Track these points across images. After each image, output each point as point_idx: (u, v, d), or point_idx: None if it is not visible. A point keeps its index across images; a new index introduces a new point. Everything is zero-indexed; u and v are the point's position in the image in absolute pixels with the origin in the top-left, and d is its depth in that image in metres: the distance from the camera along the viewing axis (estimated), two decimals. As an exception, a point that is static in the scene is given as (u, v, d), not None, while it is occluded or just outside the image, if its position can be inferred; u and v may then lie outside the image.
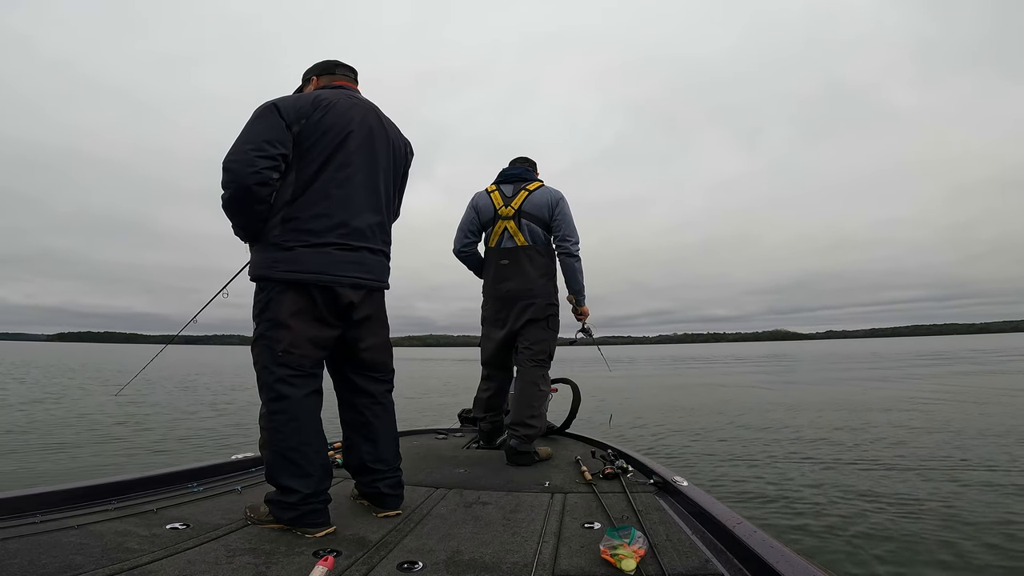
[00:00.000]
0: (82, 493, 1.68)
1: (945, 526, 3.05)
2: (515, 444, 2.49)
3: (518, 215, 2.70)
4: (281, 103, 1.60)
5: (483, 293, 2.89)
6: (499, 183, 2.82)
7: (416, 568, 1.27)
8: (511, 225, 2.71)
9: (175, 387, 13.23)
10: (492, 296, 2.79)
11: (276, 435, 1.54)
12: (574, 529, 1.56)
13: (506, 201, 2.73)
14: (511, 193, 2.75)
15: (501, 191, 2.77)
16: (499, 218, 2.74)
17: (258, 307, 1.60)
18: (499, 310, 2.76)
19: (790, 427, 6.79)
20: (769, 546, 1.21)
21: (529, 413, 2.54)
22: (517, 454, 2.48)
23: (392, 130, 1.83)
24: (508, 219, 2.71)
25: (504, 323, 2.74)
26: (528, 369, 2.67)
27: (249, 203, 1.55)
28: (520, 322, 2.69)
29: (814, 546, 2.84)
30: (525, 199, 2.71)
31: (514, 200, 2.72)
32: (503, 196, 2.75)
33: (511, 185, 2.78)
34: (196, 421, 7.77)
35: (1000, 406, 8.16)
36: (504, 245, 2.74)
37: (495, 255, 2.76)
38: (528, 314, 2.68)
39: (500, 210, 2.73)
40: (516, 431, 2.50)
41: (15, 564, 1.18)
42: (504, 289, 2.72)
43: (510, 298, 2.71)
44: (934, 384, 12.33)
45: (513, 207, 2.71)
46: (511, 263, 2.71)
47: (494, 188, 2.81)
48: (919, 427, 6.51)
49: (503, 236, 2.74)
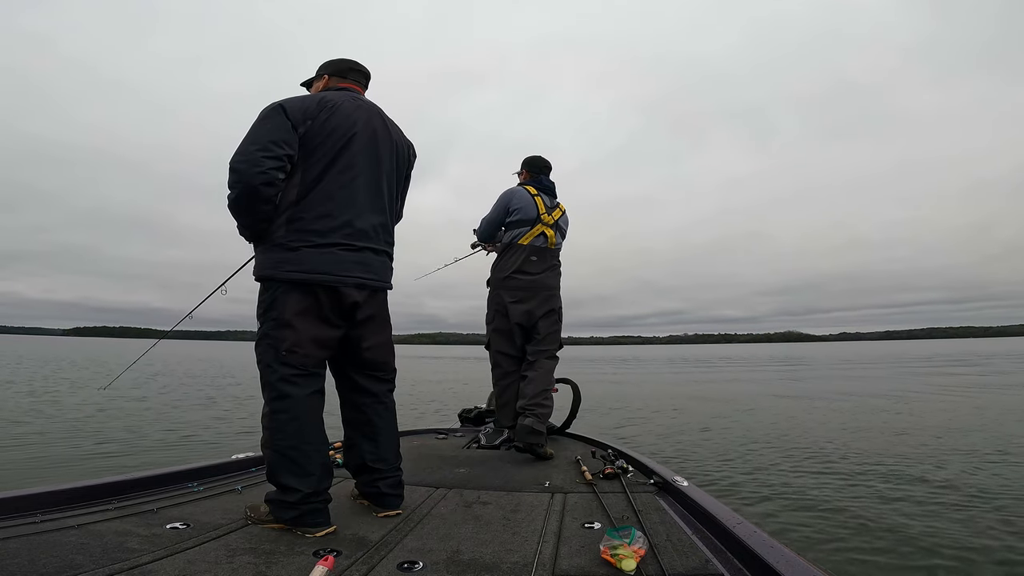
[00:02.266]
0: (82, 493, 1.68)
1: (947, 527, 3.06)
2: (530, 423, 2.53)
3: (555, 226, 3.04)
4: (288, 104, 1.61)
5: (497, 283, 3.01)
6: (539, 189, 3.07)
7: (416, 568, 1.27)
8: (550, 232, 3.01)
9: (176, 382, 13.23)
10: (514, 287, 2.95)
11: (278, 434, 1.54)
12: (574, 529, 1.56)
13: (548, 211, 3.03)
14: (550, 204, 3.06)
15: (544, 200, 3.04)
16: (541, 223, 3.00)
17: (262, 306, 1.61)
18: (522, 299, 2.92)
19: (791, 427, 6.80)
20: (769, 546, 1.21)
21: (544, 395, 2.71)
22: (532, 433, 2.51)
23: (396, 132, 1.84)
24: (549, 226, 3.02)
25: (527, 312, 2.91)
26: (543, 360, 2.88)
27: (255, 203, 1.55)
28: (542, 312, 2.91)
29: (814, 546, 2.84)
30: (561, 216, 3.09)
31: (554, 212, 3.06)
32: (545, 205, 3.03)
33: (548, 197, 3.08)
34: (181, 414, 7.77)
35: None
36: (538, 244, 3.00)
37: (527, 250, 2.98)
38: (549, 304, 2.93)
39: (543, 216, 3.01)
40: (533, 410, 2.59)
41: (15, 564, 1.17)
42: (530, 280, 2.94)
43: (535, 289, 2.93)
44: (943, 386, 12.28)
45: (554, 218, 3.04)
46: (540, 260, 2.98)
47: (536, 193, 3.03)
48: (923, 429, 6.52)
49: (539, 237, 3.00)
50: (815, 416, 7.76)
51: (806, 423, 7.11)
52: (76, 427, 6.66)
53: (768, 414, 8.09)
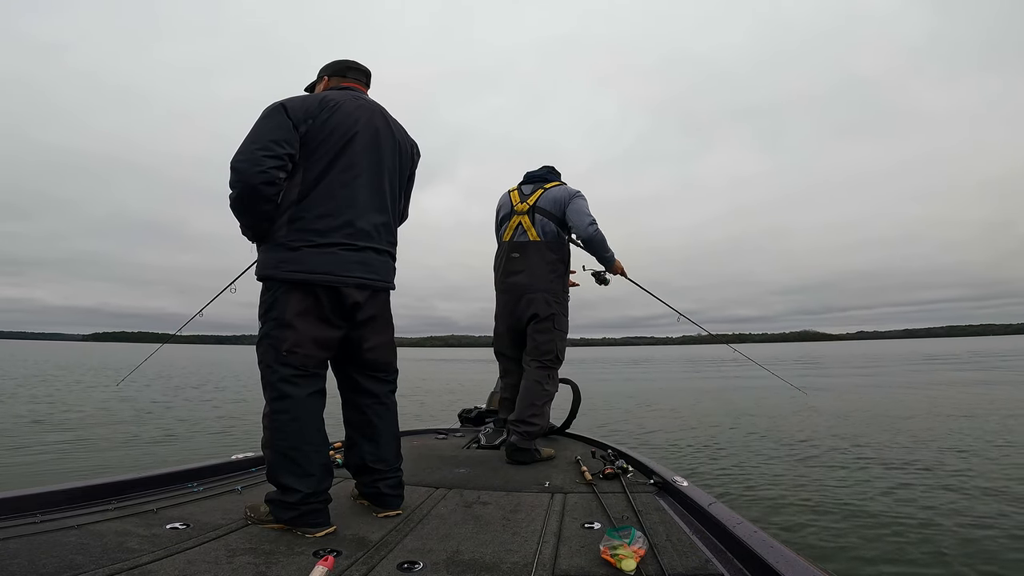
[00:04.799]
0: (82, 493, 1.68)
1: (947, 527, 3.05)
2: (516, 440, 2.51)
3: (532, 210, 2.77)
4: (288, 103, 1.61)
5: (495, 287, 2.95)
6: (521, 183, 2.92)
7: (416, 568, 1.27)
8: (525, 220, 2.77)
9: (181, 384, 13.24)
10: (500, 290, 2.86)
11: (278, 434, 1.54)
12: (574, 529, 1.56)
13: (523, 198, 2.83)
14: (529, 192, 2.84)
15: (521, 190, 2.88)
16: (515, 213, 2.82)
17: (264, 307, 1.61)
18: (507, 303, 2.82)
19: (792, 428, 6.79)
20: (769, 546, 1.21)
21: (531, 412, 2.57)
22: (517, 451, 2.50)
23: (399, 131, 1.84)
24: (523, 214, 2.78)
25: (512, 316, 2.80)
26: (533, 370, 2.71)
27: (256, 202, 1.55)
28: (527, 316, 2.73)
29: (814, 546, 2.84)
30: (541, 195, 2.78)
31: (531, 197, 2.80)
32: (521, 194, 2.85)
33: (532, 185, 2.87)
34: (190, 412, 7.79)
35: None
36: (517, 239, 2.80)
37: (507, 248, 2.82)
38: (533, 308, 2.71)
39: (516, 206, 2.82)
40: (517, 428, 2.54)
41: (15, 564, 1.17)
42: (511, 282, 2.78)
43: (517, 291, 2.76)
44: (953, 383, 12.20)
45: (529, 203, 2.79)
46: (521, 256, 2.76)
47: (515, 188, 2.91)
48: (926, 428, 6.51)
49: (517, 230, 2.81)
50: (816, 416, 7.76)
51: (807, 423, 7.11)
52: (80, 427, 6.68)
53: (770, 414, 8.08)
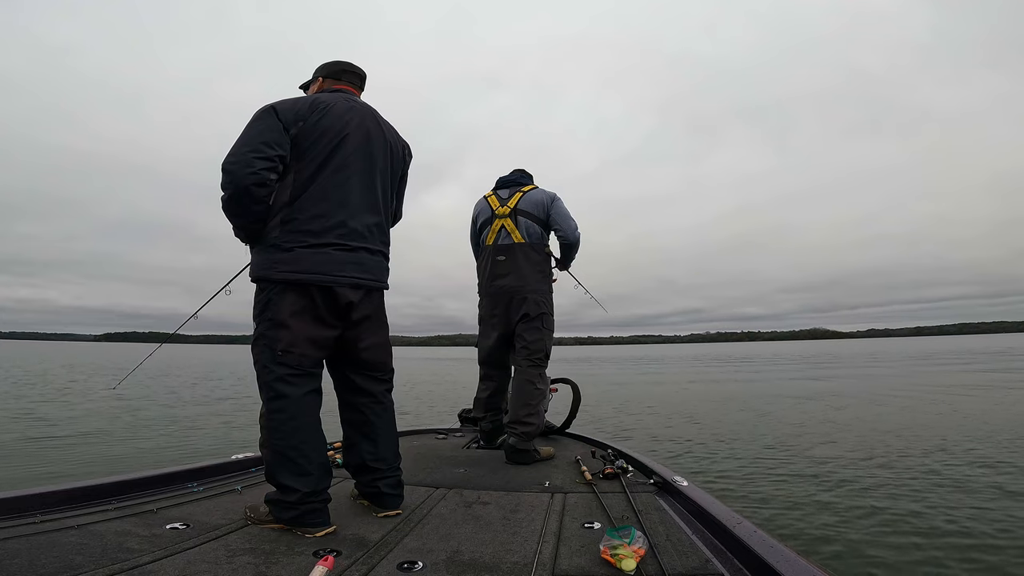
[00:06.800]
0: (82, 493, 1.68)
1: (948, 528, 3.05)
2: (514, 442, 2.52)
3: (515, 213, 2.79)
4: (279, 106, 1.62)
5: (479, 291, 2.94)
6: (495, 188, 2.93)
7: (416, 568, 1.27)
8: (508, 223, 2.79)
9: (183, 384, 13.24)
10: (487, 293, 2.86)
11: (275, 434, 1.54)
12: (574, 529, 1.56)
13: (502, 202, 2.84)
14: (507, 196, 2.86)
15: (498, 195, 2.89)
16: (496, 217, 2.83)
17: (258, 307, 1.62)
18: (494, 307, 2.81)
19: (794, 428, 6.79)
20: (769, 546, 1.21)
21: (526, 412, 2.57)
22: (516, 452, 2.50)
23: (390, 133, 1.84)
24: (505, 217, 2.81)
25: (500, 320, 2.79)
26: (524, 369, 2.72)
27: (247, 204, 1.56)
28: (515, 319, 2.74)
29: (814, 546, 2.84)
30: (521, 198, 2.81)
31: (510, 200, 2.82)
32: (499, 198, 2.87)
33: (507, 189, 2.89)
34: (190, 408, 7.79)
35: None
36: (501, 242, 2.81)
37: (492, 252, 2.83)
38: (523, 309, 2.73)
39: (497, 210, 2.83)
40: (515, 429, 2.54)
41: (15, 564, 1.17)
42: (499, 286, 2.79)
43: (504, 294, 2.77)
44: (967, 385, 12.18)
45: (510, 206, 2.81)
46: (507, 259, 2.78)
47: (491, 193, 2.92)
48: (929, 428, 6.50)
49: (500, 233, 2.82)
50: (818, 416, 7.76)
51: (809, 423, 7.11)
52: (79, 425, 6.68)
53: (773, 414, 8.08)
